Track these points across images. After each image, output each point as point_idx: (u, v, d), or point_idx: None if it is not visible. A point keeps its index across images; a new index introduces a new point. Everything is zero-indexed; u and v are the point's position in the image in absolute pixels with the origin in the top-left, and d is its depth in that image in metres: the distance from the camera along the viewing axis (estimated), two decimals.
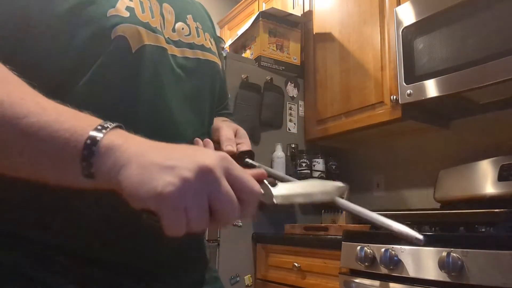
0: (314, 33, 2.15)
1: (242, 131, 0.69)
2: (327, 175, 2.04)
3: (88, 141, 0.38)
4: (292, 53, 2.14)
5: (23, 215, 0.51)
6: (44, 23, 0.50)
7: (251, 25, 2.09)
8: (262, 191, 0.42)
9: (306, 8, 2.22)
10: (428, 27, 1.47)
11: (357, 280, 1.26)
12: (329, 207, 2.03)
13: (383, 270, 1.17)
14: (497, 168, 1.49)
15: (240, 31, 2.20)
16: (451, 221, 1.23)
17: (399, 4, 1.65)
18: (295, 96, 2.15)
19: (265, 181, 0.44)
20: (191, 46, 0.65)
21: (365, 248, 1.24)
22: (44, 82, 0.45)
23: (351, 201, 0.52)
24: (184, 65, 0.62)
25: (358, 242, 1.28)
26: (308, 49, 2.18)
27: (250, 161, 0.62)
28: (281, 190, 0.45)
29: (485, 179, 1.51)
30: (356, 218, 1.79)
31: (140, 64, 0.55)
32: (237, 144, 0.65)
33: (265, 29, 2.06)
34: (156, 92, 0.56)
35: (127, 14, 0.54)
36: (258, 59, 2.03)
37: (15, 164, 0.41)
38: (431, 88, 1.44)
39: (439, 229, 1.23)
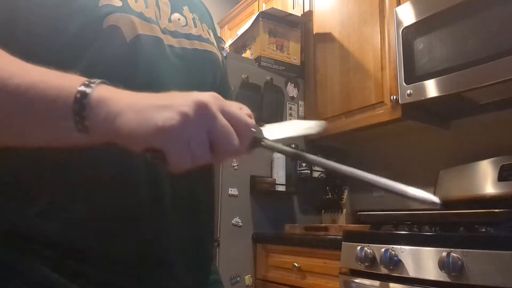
0: (314, 33, 2.15)
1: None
2: (327, 175, 2.04)
3: (78, 95, 0.38)
4: (292, 53, 2.14)
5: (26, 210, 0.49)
6: (34, 13, 0.49)
7: (251, 25, 2.09)
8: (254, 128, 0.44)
9: (306, 8, 2.22)
10: (428, 27, 1.47)
11: (357, 280, 1.26)
12: (329, 207, 2.03)
13: (383, 270, 1.17)
14: (497, 168, 1.49)
15: (240, 31, 2.20)
16: (451, 221, 1.23)
17: (399, 4, 1.65)
18: (295, 96, 2.15)
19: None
20: (188, 36, 0.63)
21: (365, 248, 1.24)
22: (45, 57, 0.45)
23: (351, 201, 0.53)
24: (181, 55, 0.60)
25: (358, 242, 1.28)
26: (308, 49, 2.18)
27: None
28: (270, 127, 0.49)
29: (485, 179, 1.51)
30: (356, 217, 1.77)
31: (135, 54, 0.53)
32: None
33: (265, 29, 2.06)
34: (153, 83, 0.54)
35: (119, 3, 0.53)
36: (258, 59, 2.03)
37: (7, 129, 0.41)
38: (431, 88, 1.44)
39: (439, 229, 1.23)
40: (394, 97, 1.61)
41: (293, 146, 2.05)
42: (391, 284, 1.16)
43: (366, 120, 1.78)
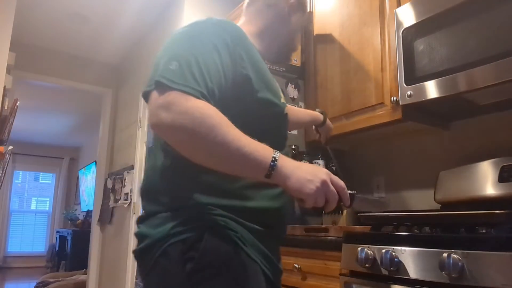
0: (315, 34, 2.15)
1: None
2: None
3: (272, 162, 0.74)
4: (293, 55, 2.14)
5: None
6: (242, 88, 0.88)
7: None
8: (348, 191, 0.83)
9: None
10: (429, 28, 1.47)
11: (358, 282, 1.26)
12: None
13: (384, 272, 1.17)
14: (497, 170, 1.49)
15: None
16: (452, 222, 1.23)
17: (399, 6, 1.65)
18: (295, 97, 2.15)
19: None
20: (285, 104, 1.06)
21: (366, 249, 1.24)
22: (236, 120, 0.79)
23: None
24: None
25: (358, 244, 1.28)
26: (309, 50, 2.18)
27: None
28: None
29: (486, 181, 1.51)
30: (357, 218, 1.78)
31: (287, 121, 1.06)
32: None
33: None
34: (286, 128, 1.06)
35: (284, 100, 1.04)
36: None
37: (217, 167, 0.76)
38: (432, 89, 1.44)
39: (440, 230, 1.23)
40: (395, 98, 1.61)
41: (293, 147, 2.05)
42: (392, 286, 1.16)
43: (367, 121, 1.78)
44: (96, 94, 4.52)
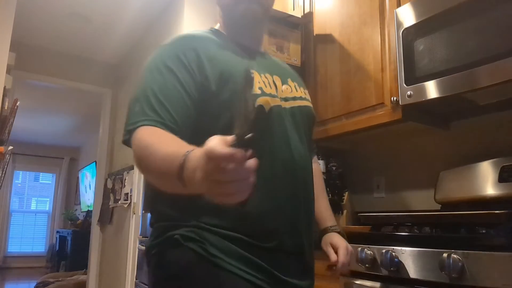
0: (314, 34, 2.15)
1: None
2: (328, 176, 2.04)
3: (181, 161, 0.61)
4: (293, 54, 2.14)
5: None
6: (206, 100, 0.85)
7: None
8: None
9: (307, 10, 2.22)
10: (429, 28, 1.47)
11: (358, 282, 1.26)
12: None
13: (384, 272, 1.17)
14: (497, 170, 1.49)
15: None
16: (452, 222, 1.23)
17: (399, 6, 1.65)
18: None
19: None
20: (294, 98, 0.98)
21: (366, 249, 1.24)
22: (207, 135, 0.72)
23: (352, 203, 0.54)
24: (291, 112, 0.95)
25: (358, 244, 1.28)
26: (309, 50, 2.18)
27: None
28: None
29: (486, 181, 1.51)
30: (357, 218, 1.76)
31: (271, 118, 0.89)
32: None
33: (266, 30, 2.06)
34: (281, 133, 0.90)
35: (259, 91, 0.89)
36: None
37: (164, 186, 0.72)
38: (432, 90, 1.44)
39: (440, 230, 1.23)
40: (395, 98, 1.61)
41: None
42: (392, 286, 1.16)
43: (367, 121, 1.78)
44: (96, 94, 4.52)
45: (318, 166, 1.24)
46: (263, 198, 0.83)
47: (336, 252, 1.02)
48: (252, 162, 0.52)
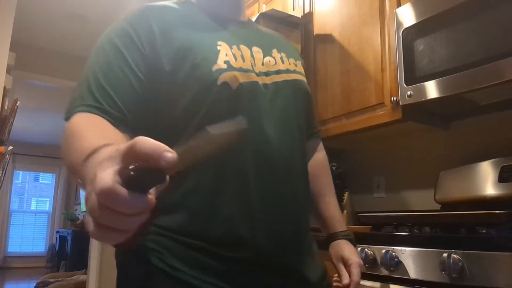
0: (315, 34, 2.15)
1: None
2: None
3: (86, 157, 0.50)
4: None
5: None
6: (159, 82, 0.72)
7: None
8: None
9: (307, 10, 2.22)
10: (429, 28, 1.47)
11: None
12: None
13: (384, 272, 1.17)
14: (497, 170, 1.49)
15: None
16: (452, 222, 1.23)
17: (399, 6, 1.65)
18: None
19: None
20: (278, 72, 0.81)
21: (366, 249, 1.24)
22: (165, 124, 0.70)
23: (352, 203, 0.51)
24: (274, 88, 0.78)
25: (358, 244, 1.27)
26: (309, 50, 2.18)
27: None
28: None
29: (486, 181, 1.51)
30: (357, 218, 1.77)
31: (240, 97, 0.73)
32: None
33: None
34: (253, 114, 0.73)
35: (225, 66, 0.73)
36: None
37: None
38: (432, 90, 1.44)
39: (440, 230, 1.23)
40: (395, 98, 1.61)
41: None
42: (392, 286, 1.16)
43: (367, 121, 1.78)
44: None
45: (323, 155, 1.09)
46: (231, 197, 0.69)
47: (346, 267, 0.88)
48: (142, 214, 0.37)
